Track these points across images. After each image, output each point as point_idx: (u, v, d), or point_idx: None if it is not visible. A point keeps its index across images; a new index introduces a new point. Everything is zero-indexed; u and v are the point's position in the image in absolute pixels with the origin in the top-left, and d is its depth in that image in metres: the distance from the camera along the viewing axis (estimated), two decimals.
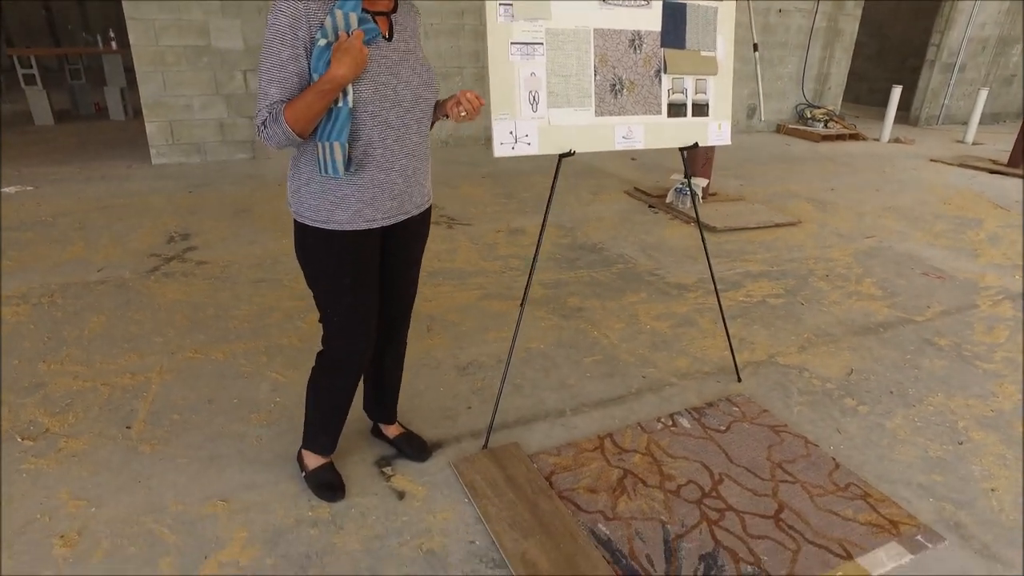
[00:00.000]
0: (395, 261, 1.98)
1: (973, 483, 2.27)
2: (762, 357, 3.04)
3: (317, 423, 2.09)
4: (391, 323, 2.11)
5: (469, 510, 2.06)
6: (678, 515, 2.03)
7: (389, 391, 2.27)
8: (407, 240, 1.97)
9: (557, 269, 3.98)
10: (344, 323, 1.90)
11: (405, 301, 2.10)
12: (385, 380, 2.24)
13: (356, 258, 1.82)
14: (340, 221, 1.76)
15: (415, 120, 1.78)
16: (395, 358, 2.21)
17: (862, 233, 4.97)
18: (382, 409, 2.30)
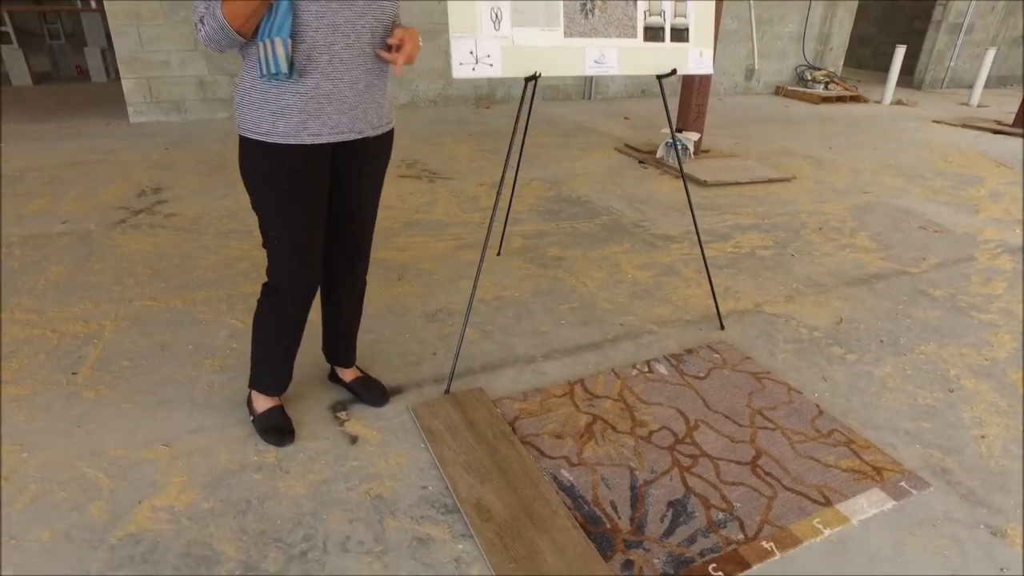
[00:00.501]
0: (347, 188, 1.83)
1: (963, 430, 2.14)
2: (748, 306, 2.90)
3: (263, 361, 1.96)
4: (345, 257, 1.96)
5: (424, 455, 1.94)
6: (648, 461, 1.90)
7: (345, 332, 2.13)
8: (361, 166, 1.81)
9: (539, 221, 3.82)
10: (287, 250, 1.76)
11: (360, 234, 1.95)
12: (340, 320, 2.10)
13: (300, 177, 1.67)
14: (282, 133, 1.61)
15: (368, 28, 1.61)
16: (351, 296, 2.07)
17: (859, 189, 4.80)
18: (338, 351, 2.17)
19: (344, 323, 2.11)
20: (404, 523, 1.70)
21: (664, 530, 1.67)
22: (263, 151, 1.64)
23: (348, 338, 2.15)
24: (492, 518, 1.68)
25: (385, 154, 1.87)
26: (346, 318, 2.10)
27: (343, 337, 2.14)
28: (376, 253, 3.34)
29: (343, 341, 2.15)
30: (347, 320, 2.11)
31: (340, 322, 2.11)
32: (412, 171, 4.77)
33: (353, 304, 2.09)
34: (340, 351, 2.17)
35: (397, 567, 1.57)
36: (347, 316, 2.10)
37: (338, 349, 2.16)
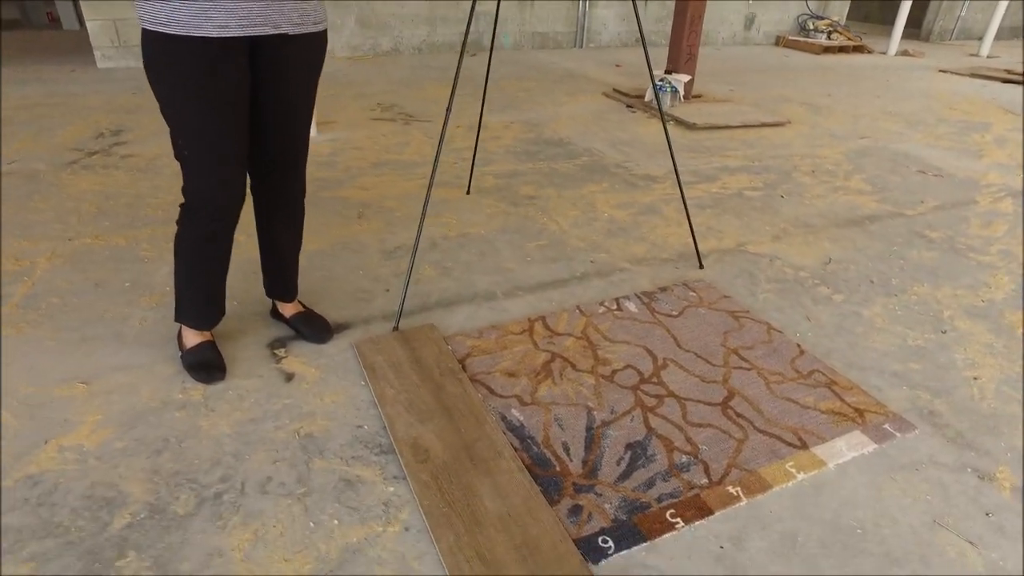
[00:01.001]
0: (270, 94, 1.62)
1: (954, 371, 1.97)
2: (730, 245, 2.71)
3: (187, 291, 1.78)
4: (275, 176, 1.77)
5: (364, 394, 1.77)
6: (608, 401, 1.74)
7: (282, 262, 1.95)
8: (284, 70, 1.60)
9: (515, 161, 3.61)
10: (201, 162, 1.57)
11: (289, 149, 1.75)
12: (276, 248, 1.92)
13: (207, 76, 1.46)
14: (183, 23, 1.40)
15: None
16: (287, 222, 1.88)
17: (856, 134, 4.57)
18: (277, 284, 1.99)
19: (280, 252, 1.93)
20: (332, 464, 1.54)
21: (620, 474, 1.51)
22: (165, 45, 1.43)
23: (286, 269, 1.96)
24: (429, 459, 1.52)
25: (313, 60, 1.66)
26: (282, 246, 1.92)
27: (281, 268, 1.96)
28: (336, 191, 3.16)
29: (281, 272, 1.97)
30: (283, 248, 1.92)
31: (276, 251, 1.92)
32: (387, 114, 4.53)
33: (289, 230, 1.90)
34: (279, 284, 1.99)
35: (319, 510, 1.41)
36: (283, 244, 1.91)
37: (277, 281, 1.98)
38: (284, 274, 1.97)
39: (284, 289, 1.99)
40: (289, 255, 1.94)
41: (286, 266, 1.96)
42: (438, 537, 1.32)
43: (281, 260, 1.94)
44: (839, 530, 1.41)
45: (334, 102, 4.75)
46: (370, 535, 1.36)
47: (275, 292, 2.01)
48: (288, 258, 1.95)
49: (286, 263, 1.95)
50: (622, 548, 1.33)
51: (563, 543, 1.32)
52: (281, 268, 1.96)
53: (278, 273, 1.97)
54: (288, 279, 1.98)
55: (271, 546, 1.33)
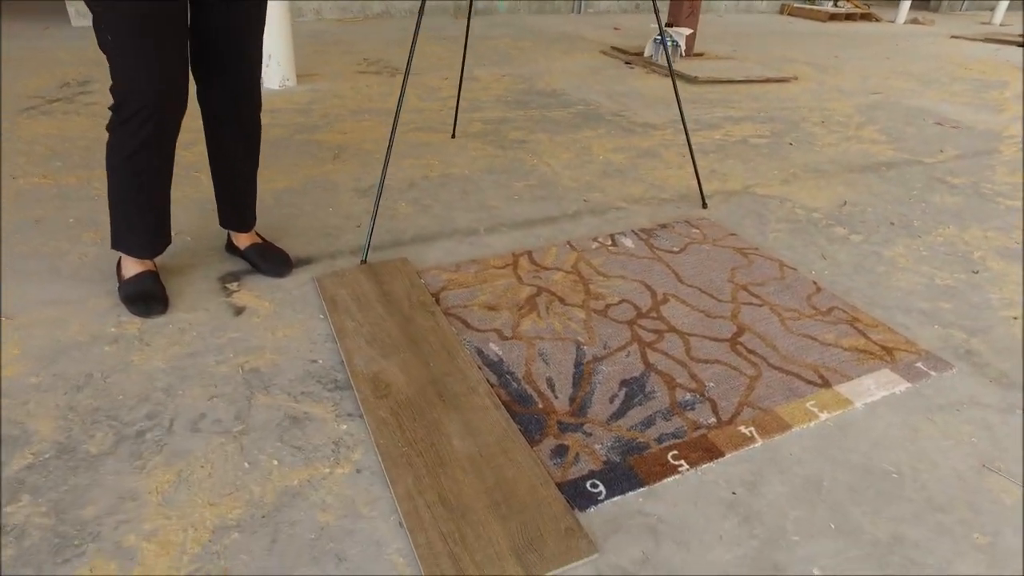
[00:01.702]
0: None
1: (990, 311, 1.76)
2: (736, 187, 2.49)
3: (122, 211, 1.56)
4: (223, 80, 1.54)
5: (322, 327, 1.55)
6: (601, 336, 1.52)
7: (235, 184, 1.72)
8: None
9: (504, 109, 3.37)
10: (126, 48, 1.34)
11: (237, 45, 1.51)
12: (228, 166, 1.70)
13: None
14: None
15: None
16: (239, 136, 1.65)
17: (867, 91, 4.33)
18: (230, 210, 1.76)
19: (232, 171, 1.70)
20: (278, 400, 1.32)
21: (613, 412, 1.29)
22: None
23: (240, 192, 1.74)
24: (391, 394, 1.30)
25: None
26: (233, 164, 1.69)
27: (234, 190, 1.74)
28: (312, 135, 2.92)
29: (234, 196, 1.74)
30: (235, 167, 1.70)
31: (227, 169, 1.70)
32: (374, 68, 4.28)
33: (241, 146, 1.67)
34: (232, 210, 1.76)
35: (256, 449, 1.20)
36: (235, 162, 1.69)
37: (229, 207, 1.76)
38: (237, 198, 1.75)
39: (238, 217, 1.77)
40: (242, 176, 1.72)
41: (239, 188, 1.73)
42: (394, 479, 1.11)
43: (233, 181, 1.71)
44: (871, 474, 1.19)
45: (318, 58, 4.50)
46: (315, 477, 1.14)
47: (229, 220, 1.78)
48: (241, 179, 1.72)
49: (239, 185, 1.72)
50: (615, 493, 1.11)
51: (544, 487, 1.10)
52: (234, 191, 1.73)
53: (231, 197, 1.74)
54: (242, 204, 1.75)
55: (195, 488, 1.11)
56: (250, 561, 0.99)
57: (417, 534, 1.01)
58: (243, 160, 1.70)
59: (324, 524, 1.05)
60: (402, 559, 1.00)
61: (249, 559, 0.99)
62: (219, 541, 1.02)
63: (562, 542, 1.01)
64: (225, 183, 1.72)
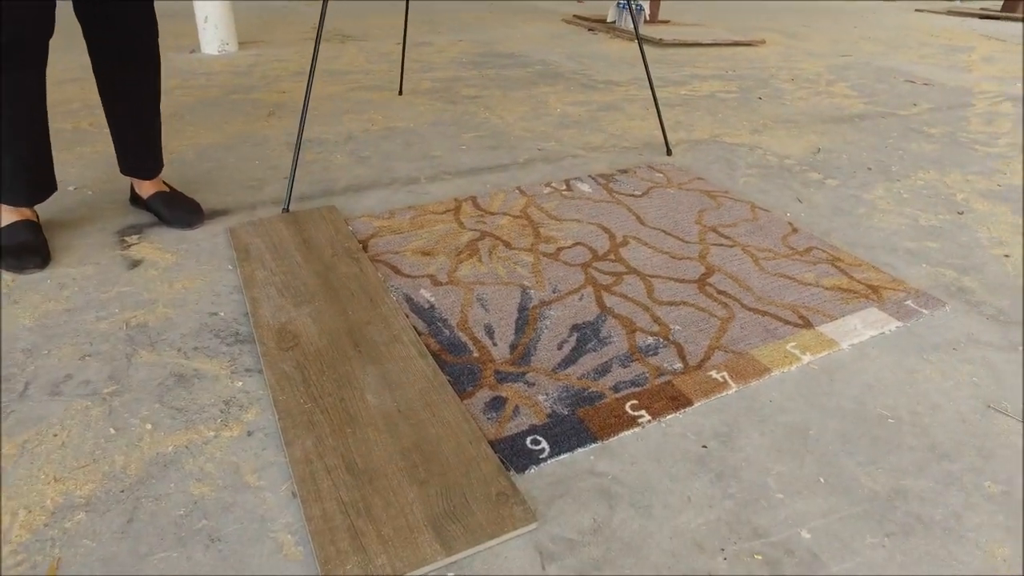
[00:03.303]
0: None
1: (979, 249, 1.60)
2: (703, 136, 2.31)
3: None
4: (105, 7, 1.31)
5: (230, 279, 1.33)
6: (550, 280, 1.32)
7: (131, 121, 1.50)
8: None
9: (458, 69, 3.15)
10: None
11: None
12: (122, 102, 1.47)
13: None
14: None
15: None
16: (132, 66, 1.43)
17: (836, 53, 4.19)
18: (130, 156, 1.54)
19: (127, 107, 1.47)
20: (165, 357, 1.10)
21: (562, 359, 1.10)
22: None
23: (140, 134, 1.51)
24: (298, 346, 1.09)
25: None
26: (128, 98, 1.46)
27: (133, 133, 1.51)
28: (248, 95, 2.68)
29: (134, 138, 1.51)
30: (130, 102, 1.47)
31: (122, 105, 1.47)
32: (324, 36, 4.02)
33: (134, 77, 1.44)
34: (132, 154, 1.53)
35: (128, 412, 0.98)
36: (129, 95, 1.46)
37: (130, 151, 1.53)
38: (137, 140, 1.51)
39: (139, 161, 1.54)
40: (141, 114, 1.49)
41: (139, 128, 1.50)
42: (290, 441, 0.90)
43: (131, 120, 1.48)
44: (864, 421, 1.02)
45: (264, 26, 4.24)
46: (194, 442, 0.93)
47: (129, 166, 1.55)
48: (140, 118, 1.49)
49: (139, 124, 1.49)
50: (561, 451, 0.92)
51: (473, 445, 0.90)
52: (132, 131, 1.50)
53: (129, 138, 1.51)
54: (143, 147, 1.52)
55: (40, 461, 0.89)
56: (94, 547, 0.78)
57: (311, 505, 0.80)
58: (139, 93, 1.47)
59: (198, 497, 0.84)
60: (291, 536, 0.79)
61: (93, 544, 0.78)
62: (57, 524, 0.80)
63: (492, 510, 0.81)
64: (122, 123, 1.49)
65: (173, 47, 3.43)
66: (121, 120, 1.49)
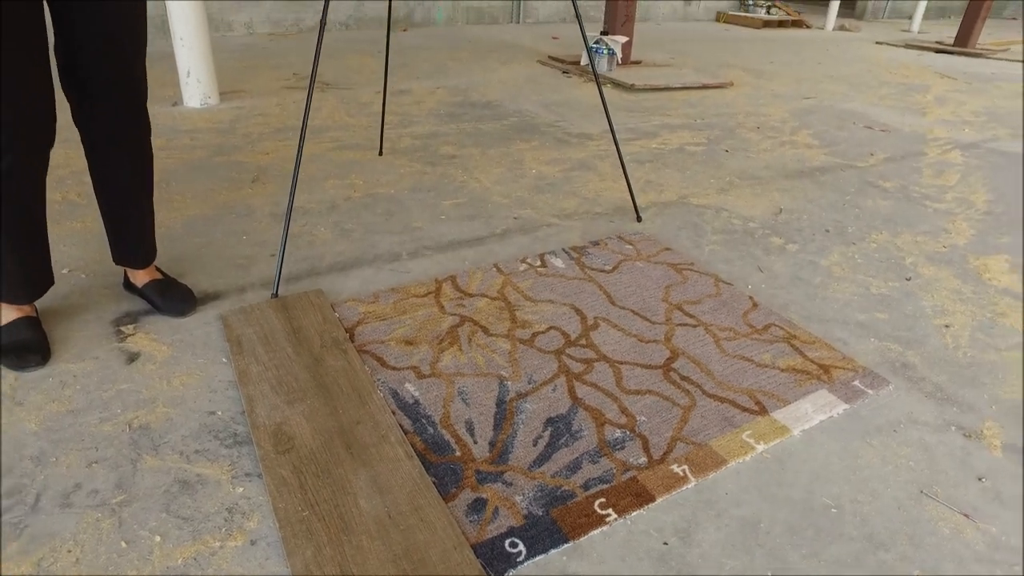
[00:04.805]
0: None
1: (924, 320, 1.73)
2: (672, 198, 2.43)
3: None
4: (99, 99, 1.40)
5: (224, 372, 1.42)
6: (526, 369, 1.42)
7: (124, 216, 1.57)
8: None
9: (436, 123, 3.26)
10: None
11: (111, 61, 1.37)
12: (115, 197, 1.55)
13: None
14: None
15: None
16: (124, 163, 1.51)
17: (800, 95, 4.38)
18: (121, 244, 1.61)
19: (120, 201, 1.55)
20: (168, 461, 1.18)
21: (536, 456, 1.19)
22: None
23: (130, 224, 1.58)
24: (294, 448, 1.17)
25: None
26: (120, 194, 1.54)
27: (125, 227, 1.58)
28: (231, 156, 2.76)
29: (124, 229, 1.59)
30: (123, 197, 1.55)
31: (115, 200, 1.55)
32: (302, 83, 4.12)
33: (127, 173, 1.52)
34: (123, 244, 1.61)
35: (137, 524, 1.06)
36: (122, 191, 1.54)
37: (121, 241, 1.60)
38: (130, 233, 1.59)
39: (131, 253, 1.61)
40: (132, 208, 1.57)
41: (131, 223, 1.58)
42: (291, 551, 0.99)
43: (123, 215, 1.56)
44: (811, 511, 1.13)
45: (246, 74, 4.32)
46: (202, 553, 1.01)
47: (122, 257, 1.63)
48: (132, 213, 1.57)
49: (130, 219, 1.57)
50: (536, 553, 1.01)
51: (457, 550, 1.00)
52: (124, 225, 1.58)
53: (121, 232, 1.59)
54: (135, 239, 1.60)
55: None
56: None
57: None
58: (131, 188, 1.55)
59: None
60: None
61: None
62: None
63: None
64: (114, 218, 1.57)
65: (156, 99, 3.49)
66: (114, 217, 1.57)
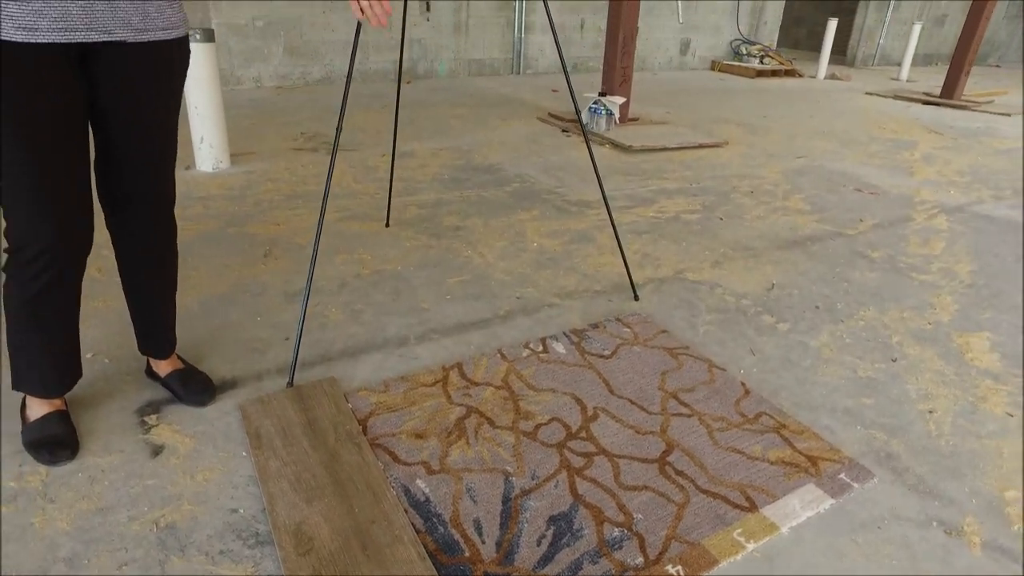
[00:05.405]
0: (112, 114, 1.36)
1: (908, 405, 1.82)
2: (668, 273, 2.54)
3: (24, 353, 1.48)
4: (131, 212, 1.50)
5: (245, 467, 1.50)
6: (530, 464, 1.50)
7: (151, 315, 1.67)
8: (127, 85, 1.34)
9: (440, 190, 3.39)
10: (20, 196, 1.29)
11: (144, 180, 1.48)
12: (143, 298, 1.64)
13: (18, 92, 1.20)
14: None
15: None
16: (153, 268, 1.61)
17: (793, 153, 4.53)
18: (148, 338, 1.70)
19: (148, 302, 1.65)
20: (195, 563, 1.25)
21: (540, 556, 1.27)
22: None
23: (156, 322, 1.68)
24: (313, 549, 1.25)
25: (166, 72, 1.40)
26: (149, 296, 1.64)
27: (150, 321, 1.68)
28: (243, 227, 2.87)
29: (150, 326, 1.68)
30: (151, 298, 1.65)
31: (142, 301, 1.65)
32: (310, 143, 4.27)
33: (155, 277, 1.62)
34: (149, 339, 1.70)
35: None
36: (150, 293, 1.64)
37: (147, 336, 1.70)
38: (154, 328, 1.69)
39: (156, 345, 1.71)
40: (159, 306, 1.66)
41: (156, 319, 1.67)
42: None
43: (149, 312, 1.66)
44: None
45: (255, 132, 4.47)
46: None
47: (147, 347, 1.72)
48: (157, 310, 1.66)
49: (155, 316, 1.67)
50: None
51: None
52: (150, 321, 1.68)
53: (147, 327, 1.69)
54: (159, 334, 1.70)
55: None
56: None
57: None
58: (158, 290, 1.65)
59: None
60: None
61: None
62: None
63: None
64: (141, 311, 1.67)
65: None
66: (140, 310, 1.66)
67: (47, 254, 1.35)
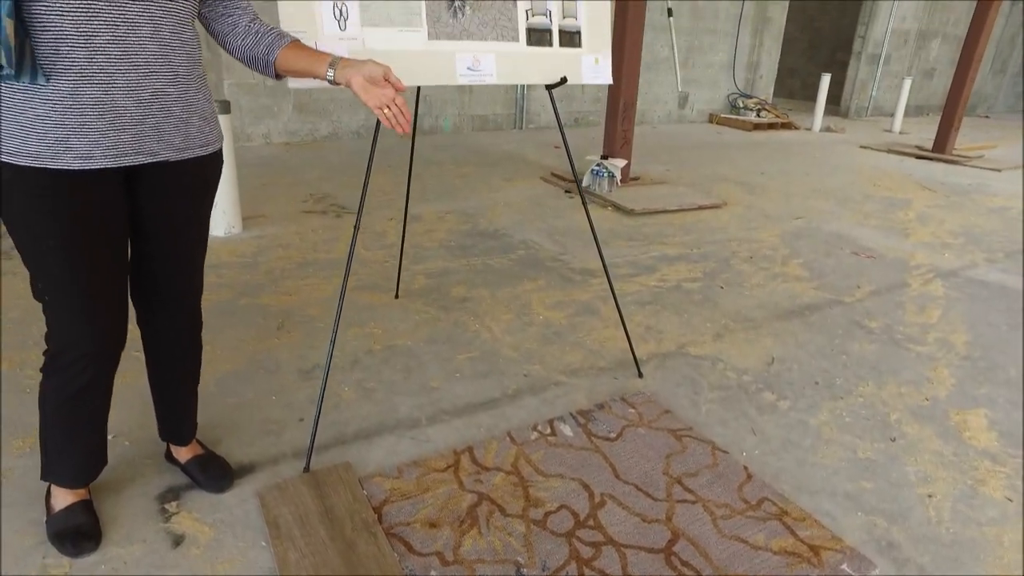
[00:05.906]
0: (151, 225, 1.45)
1: (908, 488, 1.86)
2: (670, 348, 2.60)
3: (56, 448, 1.54)
4: (163, 313, 1.58)
5: (264, 558, 1.54)
6: (540, 555, 1.55)
7: (174, 404, 1.73)
8: (166, 199, 1.44)
9: (448, 257, 3.48)
10: (63, 306, 1.36)
11: (177, 283, 1.56)
12: (167, 389, 1.71)
13: (69, 213, 1.28)
14: (35, 154, 1.22)
15: (148, 18, 1.23)
16: (179, 362, 1.68)
17: (790, 214, 4.64)
18: (169, 426, 1.76)
19: (172, 393, 1.71)
20: None
21: None
22: (16, 176, 1.25)
23: (179, 411, 1.74)
24: None
25: (203, 184, 1.50)
26: (173, 387, 1.71)
27: (172, 410, 1.74)
28: (256, 298, 2.95)
29: (173, 414, 1.75)
30: (175, 389, 1.71)
31: (167, 392, 1.71)
32: (319, 206, 4.38)
33: (181, 370, 1.69)
34: (171, 426, 1.76)
35: None
36: (175, 385, 1.70)
37: (168, 423, 1.76)
38: (176, 417, 1.75)
39: (177, 432, 1.77)
40: (182, 396, 1.73)
41: (178, 408, 1.74)
42: None
43: (173, 402, 1.72)
44: None
45: (265, 192, 4.59)
46: None
47: (168, 434, 1.78)
48: (181, 400, 1.73)
49: (179, 406, 1.73)
50: None
51: None
52: (172, 410, 1.74)
53: (169, 415, 1.75)
54: (181, 422, 1.76)
55: None
56: None
57: None
58: (182, 382, 1.71)
59: None
60: None
61: None
62: None
63: None
64: (165, 402, 1.73)
65: None
66: (164, 400, 1.73)
67: (86, 358, 1.42)
